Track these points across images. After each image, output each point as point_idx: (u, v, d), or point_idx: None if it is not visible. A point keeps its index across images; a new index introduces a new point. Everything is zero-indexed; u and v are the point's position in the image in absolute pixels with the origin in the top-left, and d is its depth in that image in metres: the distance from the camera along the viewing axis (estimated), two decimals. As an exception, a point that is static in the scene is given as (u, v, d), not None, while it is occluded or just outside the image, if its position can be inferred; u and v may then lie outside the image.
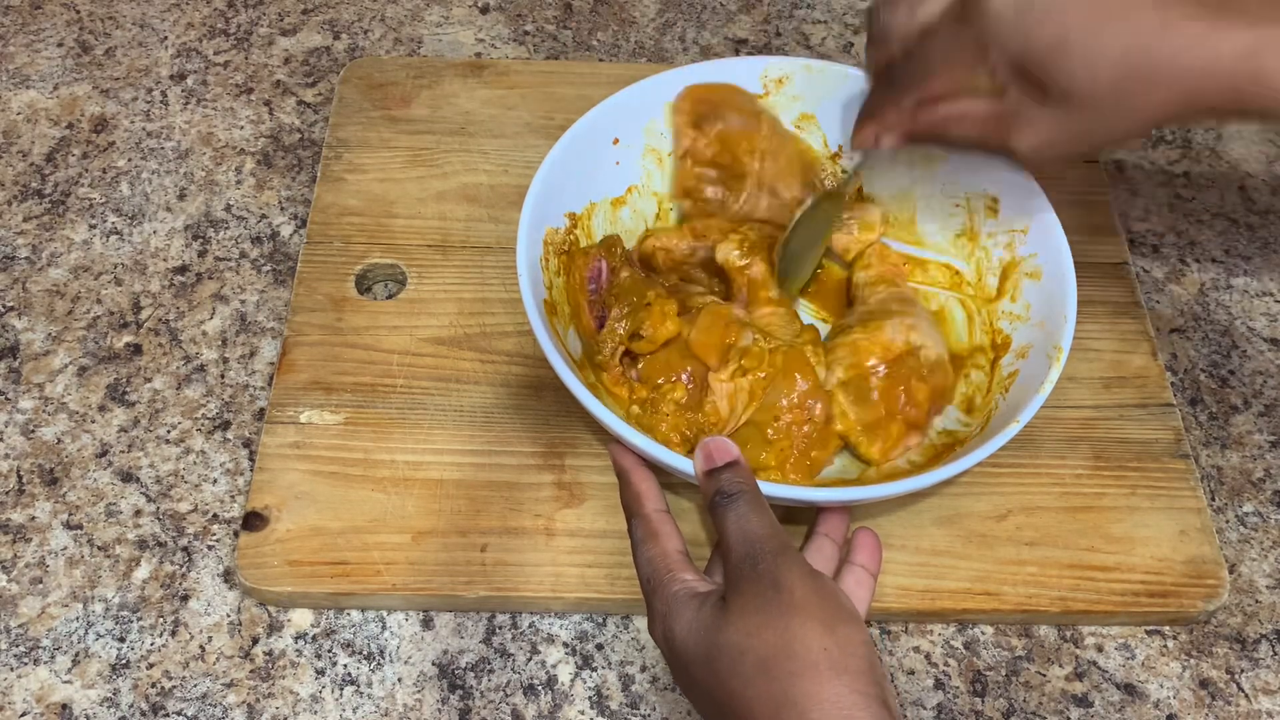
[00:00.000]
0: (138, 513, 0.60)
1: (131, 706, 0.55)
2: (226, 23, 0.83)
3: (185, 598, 0.58)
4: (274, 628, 0.57)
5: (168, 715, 0.54)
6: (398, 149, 0.73)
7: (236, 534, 0.59)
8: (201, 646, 0.56)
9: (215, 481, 0.61)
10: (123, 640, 0.56)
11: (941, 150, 0.63)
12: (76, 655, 0.56)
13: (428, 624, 0.57)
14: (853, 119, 0.66)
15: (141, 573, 0.58)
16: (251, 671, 0.56)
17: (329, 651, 0.56)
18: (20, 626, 0.57)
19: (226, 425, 0.63)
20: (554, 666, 0.56)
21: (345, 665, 0.56)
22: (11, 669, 0.55)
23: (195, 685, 0.55)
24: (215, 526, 0.60)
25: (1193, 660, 0.58)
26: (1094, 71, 0.49)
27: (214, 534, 0.60)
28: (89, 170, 0.74)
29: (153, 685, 0.55)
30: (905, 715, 0.55)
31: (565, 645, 0.57)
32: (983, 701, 0.56)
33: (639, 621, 0.58)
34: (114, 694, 0.55)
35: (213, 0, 0.84)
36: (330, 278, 0.67)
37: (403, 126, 0.74)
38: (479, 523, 0.58)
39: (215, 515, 0.60)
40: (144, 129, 0.76)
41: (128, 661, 0.56)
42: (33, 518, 0.60)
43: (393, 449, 0.61)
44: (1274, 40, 0.47)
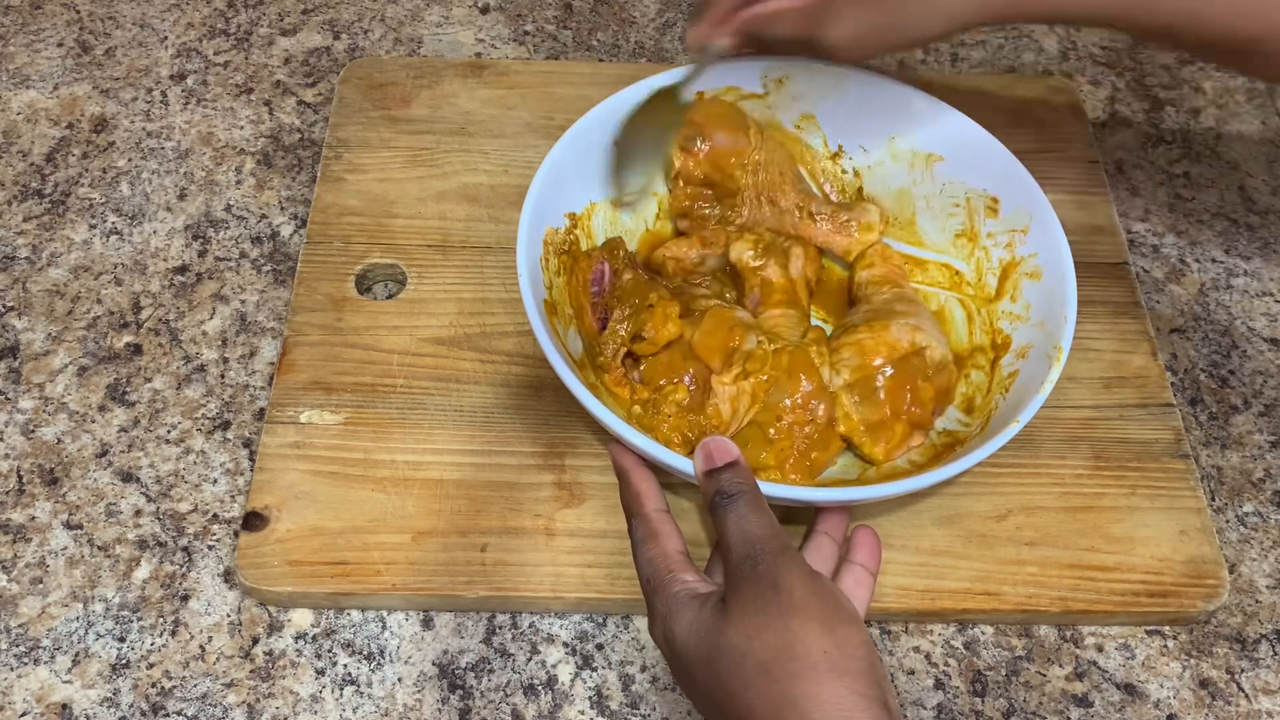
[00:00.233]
0: (138, 513, 0.60)
1: (131, 706, 0.55)
2: (226, 23, 0.83)
3: (185, 598, 0.58)
4: (274, 628, 0.57)
5: (168, 715, 0.54)
6: (398, 149, 0.73)
7: (236, 534, 0.59)
8: (201, 646, 0.56)
9: (215, 481, 0.61)
10: (123, 640, 0.56)
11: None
12: (76, 655, 0.56)
13: (428, 624, 0.57)
14: (853, 119, 0.67)
15: (141, 573, 0.58)
16: (251, 671, 0.56)
17: (329, 651, 0.56)
18: (20, 626, 0.57)
19: (226, 425, 0.63)
20: (554, 666, 0.56)
21: (345, 665, 0.56)
22: (11, 669, 0.55)
23: (195, 685, 0.55)
24: (215, 526, 0.60)
25: (1193, 660, 0.58)
26: None
27: (214, 534, 0.60)
28: (89, 170, 0.74)
29: (153, 685, 0.55)
30: (905, 715, 0.55)
31: (565, 645, 0.57)
32: (983, 701, 0.56)
33: (639, 621, 0.58)
34: (114, 694, 0.55)
35: (213, 0, 0.84)
36: (330, 278, 0.67)
37: (403, 126, 0.74)
38: (479, 523, 0.58)
39: (215, 515, 0.60)
40: (144, 129, 0.76)
41: (128, 661, 0.56)
42: (33, 518, 0.60)
43: (393, 449, 0.61)
44: None
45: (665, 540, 0.47)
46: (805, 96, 0.67)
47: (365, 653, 0.56)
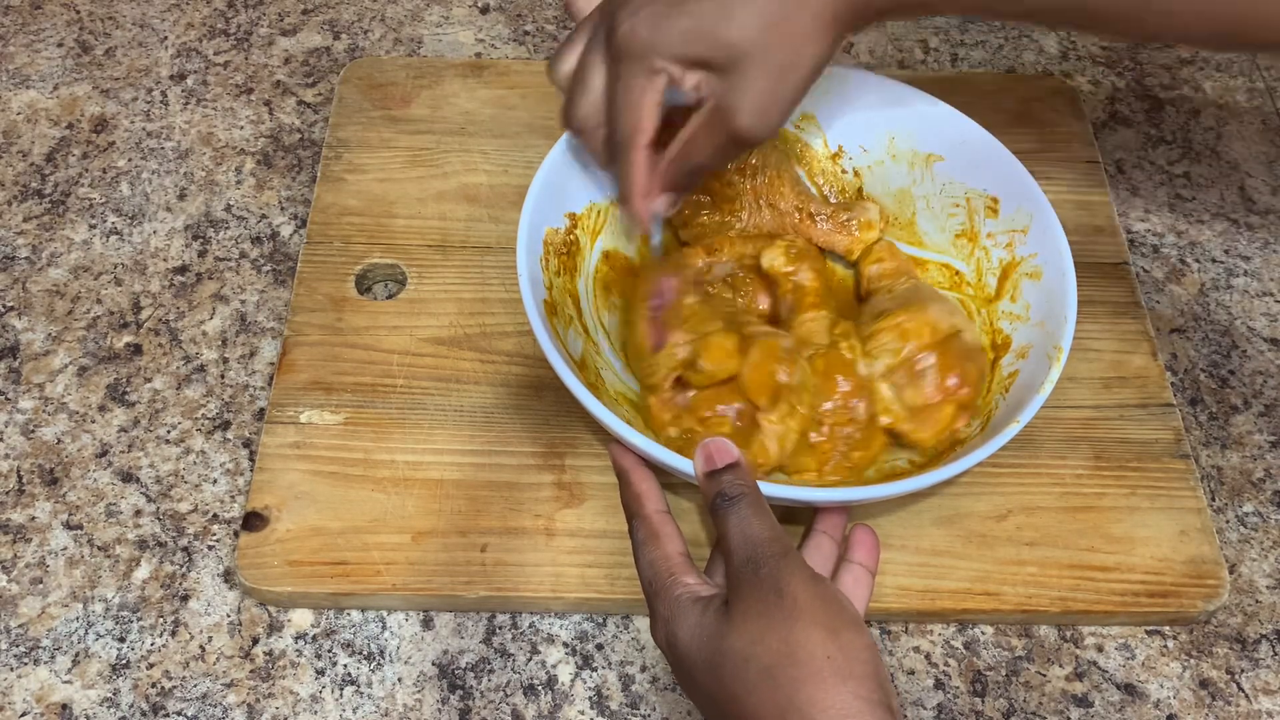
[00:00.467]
0: (138, 513, 0.60)
1: (131, 706, 0.55)
2: (226, 23, 0.83)
3: (185, 598, 0.58)
4: (274, 628, 0.57)
5: (168, 715, 0.54)
6: (398, 149, 0.73)
7: (236, 534, 0.59)
8: (201, 646, 0.56)
9: (215, 481, 0.61)
10: (123, 640, 0.56)
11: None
12: (76, 655, 0.56)
13: (428, 624, 0.57)
14: (853, 119, 0.66)
15: (141, 573, 0.58)
16: (251, 671, 0.56)
17: (329, 651, 0.56)
18: (20, 626, 0.57)
19: (226, 425, 0.63)
20: (554, 666, 0.56)
21: (345, 665, 0.56)
22: (11, 669, 0.55)
23: (195, 685, 0.55)
24: (215, 526, 0.60)
25: (1193, 660, 0.58)
26: (755, 10, 0.49)
27: (214, 534, 0.60)
28: (89, 170, 0.74)
29: (153, 685, 0.55)
30: (905, 715, 0.55)
31: (565, 645, 0.57)
32: (983, 701, 0.56)
33: (639, 621, 0.58)
34: (114, 694, 0.55)
35: (213, 0, 0.84)
36: (330, 278, 0.67)
37: (403, 126, 0.74)
38: (479, 523, 0.59)
39: (215, 515, 0.60)
40: (144, 129, 0.76)
41: (128, 661, 0.56)
42: (33, 518, 0.60)
43: (393, 449, 0.61)
44: None
45: (666, 542, 0.47)
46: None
47: (365, 653, 0.56)
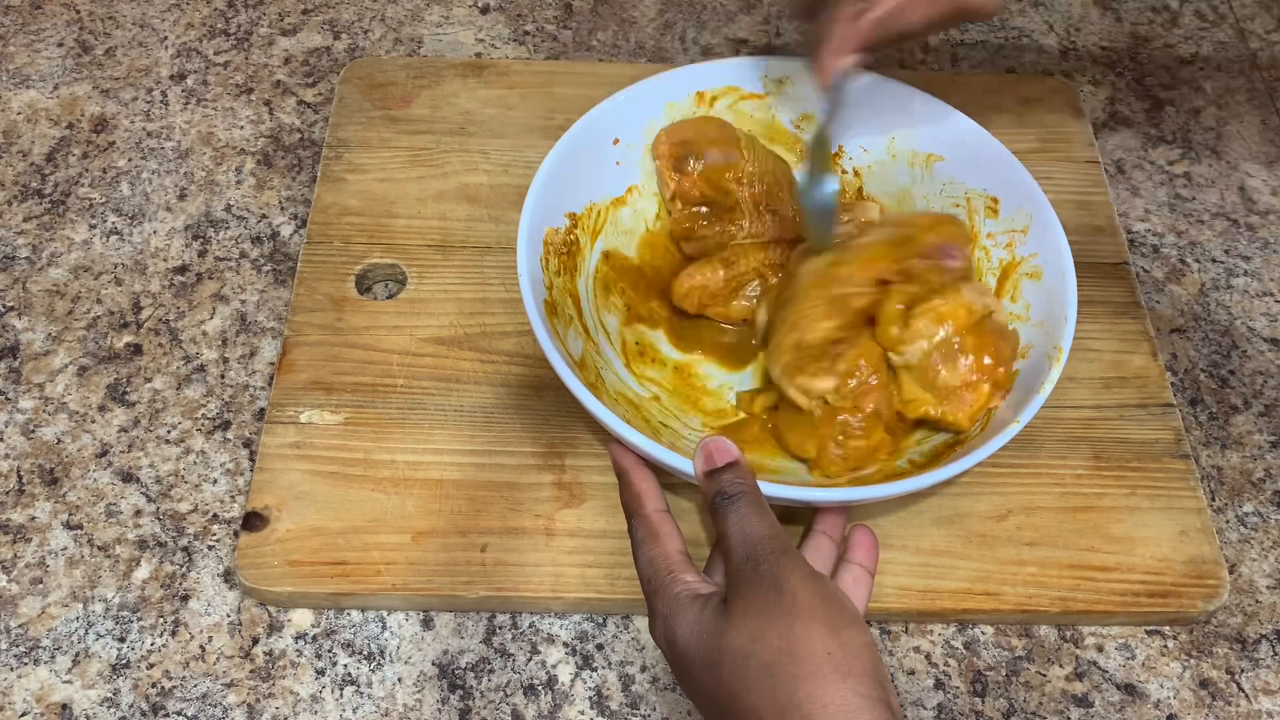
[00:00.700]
0: (138, 513, 0.60)
1: (131, 706, 0.55)
2: (226, 23, 0.83)
3: (185, 598, 0.58)
4: (274, 628, 0.57)
5: (168, 715, 0.54)
6: (398, 149, 0.73)
7: (236, 534, 0.59)
8: (202, 646, 0.56)
9: (215, 481, 0.61)
10: (123, 640, 0.56)
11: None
12: (76, 655, 0.56)
13: (428, 624, 0.57)
14: (853, 119, 0.66)
15: (141, 573, 0.58)
16: (252, 671, 0.56)
17: (329, 651, 0.56)
18: (20, 626, 0.57)
19: (226, 425, 0.63)
20: (554, 666, 0.56)
21: (345, 665, 0.56)
22: (11, 669, 0.55)
23: (195, 685, 0.55)
24: (215, 526, 0.60)
25: (1193, 660, 0.58)
26: None
27: (214, 534, 0.60)
28: (89, 170, 0.74)
29: (153, 685, 0.55)
30: (905, 715, 0.55)
31: (565, 645, 0.57)
32: (983, 701, 0.56)
33: (639, 621, 0.58)
34: (114, 694, 0.55)
35: (213, 0, 0.84)
36: (330, 278, 0.67)
37: (403, 126, 0.74)
38: (479, 523, 0.59)
39: (215, 515, 0.60)
40: (144, 129, 0.76)
41: (128, 661, 0.56)
42: (33, 518, 0.60)
43: (393, 449, 0.61)
44: None
45: (666, 540, 0.47)
46: (805, 97, 0.67)
47: (365, 653, 0.56)
